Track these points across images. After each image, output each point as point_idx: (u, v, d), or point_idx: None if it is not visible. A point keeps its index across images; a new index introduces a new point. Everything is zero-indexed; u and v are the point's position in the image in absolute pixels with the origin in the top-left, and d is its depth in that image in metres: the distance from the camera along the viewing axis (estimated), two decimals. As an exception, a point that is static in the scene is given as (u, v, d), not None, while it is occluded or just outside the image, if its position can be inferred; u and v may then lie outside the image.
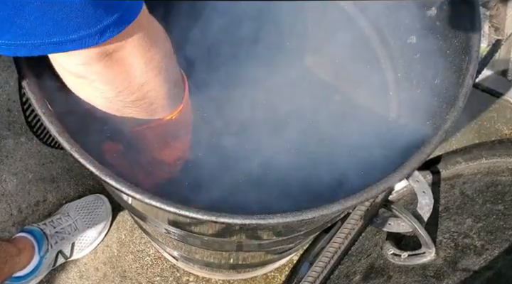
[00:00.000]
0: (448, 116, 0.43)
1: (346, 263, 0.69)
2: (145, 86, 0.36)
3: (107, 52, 0.32)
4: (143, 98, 0.37)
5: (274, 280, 1.03)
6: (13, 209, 1.03)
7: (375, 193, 0.38)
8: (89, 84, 0.34)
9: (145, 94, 0.37)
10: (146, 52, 0.34)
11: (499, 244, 0.58)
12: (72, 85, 0.36)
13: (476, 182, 0.66)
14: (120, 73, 0.34)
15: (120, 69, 0.33)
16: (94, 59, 0.32)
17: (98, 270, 1.02)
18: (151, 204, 0.35)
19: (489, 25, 0.58)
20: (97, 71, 0.33)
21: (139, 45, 0.33)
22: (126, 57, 0.33)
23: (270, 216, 0.36)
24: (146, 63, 0.34)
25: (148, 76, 0.35)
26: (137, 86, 0.36)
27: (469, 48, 0.46)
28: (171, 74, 0.39)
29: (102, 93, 0.35)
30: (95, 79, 0.34)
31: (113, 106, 0.37)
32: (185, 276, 1.03)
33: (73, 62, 0.32)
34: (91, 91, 0.36)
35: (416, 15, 0.56)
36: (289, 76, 0.63)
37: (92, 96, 0.36)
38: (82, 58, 0.31)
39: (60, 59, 0.33)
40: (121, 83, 0.35)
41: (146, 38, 0.33)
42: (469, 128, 1.14)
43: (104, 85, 0.35)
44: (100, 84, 0.34)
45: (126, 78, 0.34)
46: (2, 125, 1.08)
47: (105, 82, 0.34)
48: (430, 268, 0.62)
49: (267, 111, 0.60)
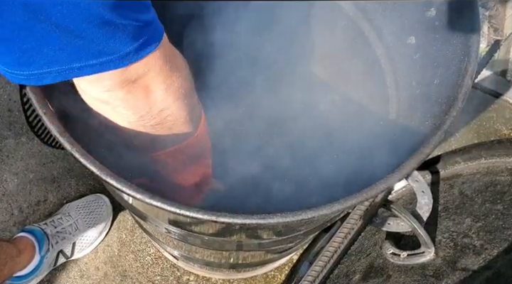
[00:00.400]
0: (447, 116, 0.43)
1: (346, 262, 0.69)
2: (164, 112, 0.37)
3: (131, 79, 0.33)
4: (162, 122, 0.38)
5: (274, 279, 1.04)
6: (14, 209, 1.03)
7: (375, 193, 0.38)
8: (112, 109, 0.36)
9: (164, 119, 0.38)
10: (167, 78, 0.35)
11: (498, 244, 0.58)
12: (96, 109, 0.37)
13: (475, 182, 0.67)
14: (142, 99, 0.35)
15: (143, 95, 0.35)
16: (118, 86, 0.33)
17: (99, 270, 1.02)
18: (151, 204, 0.35)
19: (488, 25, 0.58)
20: (120, 97, 0.34)
21: (160, 71, 0.34)
22: (149, 83, 0.34)
23: (270, 216, 0.36)
24: (166, 89, 0.36)
25: (168, 101, 0.37)
26: (157, 112, 0.37)
27: (468, 48, 0.46)
28: (189, 98, 0.40)
29: (125, 118, 0.37)
30: (119, 105, 0.35)
31: (135, 129, 0.39)
32: (185, 275, 1.03)
33: (98, 89, 0.33)
34: (114, 116, 0.37)
35: (416, 16, 0.56)
36: (288, 76, 0.63)
37: (115, 121, 0.38)
38: (106, 85, 0.33)
39: (85, 87, 0.34)
40: (143, 108, 0.36)
41: (168, 64, 0.34)
42: (468, 128, 1.14)
43: (127, 110, 0.36)
44: (123, 109, 0.36)
45: (148, 103, 0.36)
46: (3, 125, 1.08)
47: (128, 108, 0.36)
48: (429, 268, 0.62)
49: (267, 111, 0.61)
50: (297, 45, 0.67)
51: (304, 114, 0.62)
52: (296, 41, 0.67)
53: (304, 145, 0.59)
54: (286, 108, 0.62)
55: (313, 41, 0.66)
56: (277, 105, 0.62)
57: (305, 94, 0.63)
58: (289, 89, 0.63)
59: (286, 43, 0.66)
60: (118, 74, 0.32)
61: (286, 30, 0.66)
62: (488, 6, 0.55)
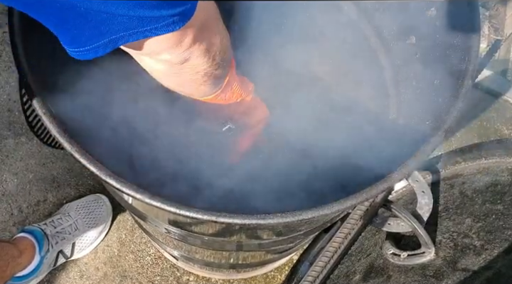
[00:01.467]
0: (447, 116, 0.43)
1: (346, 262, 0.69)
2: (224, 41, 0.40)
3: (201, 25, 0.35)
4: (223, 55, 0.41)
5: (274, 279, 1.03)
6: (14, 209, 1.03)
7: (375, 193, 0.38)
8: (173, 67, 0.38)
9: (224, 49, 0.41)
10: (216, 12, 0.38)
11: (498, 244, 0.58)
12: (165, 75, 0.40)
13: (475, 182, 0.67)
14: (211, 38, 0.37)
15: (210, 34, 0.37)
16: (196, 38, 0.35)
17: (98, 270, 1.02)
18: (151, 204, 0.35)
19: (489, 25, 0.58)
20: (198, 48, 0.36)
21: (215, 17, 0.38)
22: (211, 23, 0.37)
23: (270, 216, 0.36)
24: (219, 19, 0.39)
25: (223, 31, 0.40)
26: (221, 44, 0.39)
27: (469, 48, 0.46)
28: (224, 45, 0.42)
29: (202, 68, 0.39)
30: (198, 56, 0.37)
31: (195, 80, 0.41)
32: (185, 276, 1.03)
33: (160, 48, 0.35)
34: (188, 73, 0.39)
35: (416, 15, 0.56)
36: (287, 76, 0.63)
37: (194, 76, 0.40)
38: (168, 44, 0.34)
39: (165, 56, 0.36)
40: (214, 48, 0.38)
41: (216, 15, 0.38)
42: (469, 128, 1.14)
43: (203, 58, 0.38)
44: (201, 58, 0.38)
45: (216, 39, 0.38)
46: (3, 125, 1.08)
47: (204, 54, 0.38)
48: (430, 268, 0.62)
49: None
50: (297, 45, 0.67)
51: (304, 114, 0.62)
52: (296, 41, 0.67)
53: (303, 145, 0.59)
54: (285, 107, 0.62)
55: (314, 41, 0.66)
56: (276, 105, 0.62)
57: (305, 94, 0.63)
58: (289, 89, 0.63)
59: (286, 43, 0.66)
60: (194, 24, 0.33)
61: (286, 30, 0.66)
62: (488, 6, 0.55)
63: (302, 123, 0.61)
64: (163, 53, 0.36)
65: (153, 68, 0.39)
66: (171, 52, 0.35)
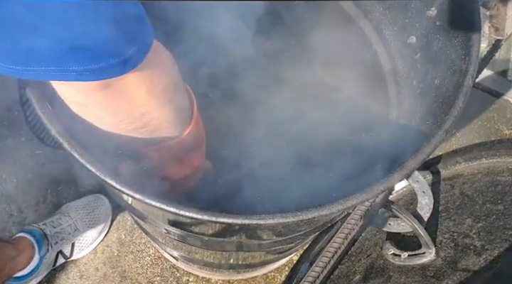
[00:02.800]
0: (448, 116, 0.43)
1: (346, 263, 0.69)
2: (147, 116, 0.35)
3: (107, 83, 0.30)
4: (144, 126, 0.36)
5: (274, 280, 1.03)
6: (13, 209, 1.03)
7: (375, 193, 0.38)
8: (90, 112, 0.34)
9: (147, 123, 0.36)
10: (149, 81, 0.32)
11: (499, 244, 0.58)
12: (74, 111, 0.36)
13: (476, 182, 0.66)
14: (121, 103, 0.33)
15: (120, 100, 0.32)
16: (93, 89, 0.30)
17: (98, 270, 1.02)
18: (150, 204, 0.35)
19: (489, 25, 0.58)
20: (96, 101, 0.32)
21: (140, 75, 0.31)
22: (127, 87, 0.31)
23: (270, 216, 0.36)
24: (148, 93, 0.33)
25: (150, 105, 0.34)
26: (138, 116, 0.35)
27: (469, 48, 0.46)
28: (176, 101, 0.37)
29: (103, 121, 0.35)
30: (95, 109, 0.33)
31: (115, 131, 0.37)
32: (185, 276, 1.03)
33: (72, 91, 0.31)
34: (92, 118, 0.35)
35: (416, 15, 0.56)
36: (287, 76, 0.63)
37: (95, 122, 0.36)
38: (81, 88, 0.30)
39: (61, 88, 0.32)
40: (122, 113, 0.34)
41: (150, 68, 0.32)
42: (469, 128, 1.14)
43: (104, 114, 0.34)
44: (101, 112, 0.34)
45: (127, 108, 0.33)
46: (2, 125, 1.08)
47: (105, 111, 0.33)
48: (430, 268, 0.62)
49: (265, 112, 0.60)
50: (297, 45, 0.67)
51: (304, 114, 0.62)
52: (296, 41, 0.67)
53: (303, 145, 0.59)
54: (285, 108, 0.62)
55: (314, 41, 0.66)
56: (276, 105, 0.61)
57: (305, 94, 0.63)
58: (288, 89, 0.63)
59: (286, 43, 0.66)
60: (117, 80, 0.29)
61: (286, 30, 0.66)
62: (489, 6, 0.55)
63: (302, 123, 0.61)
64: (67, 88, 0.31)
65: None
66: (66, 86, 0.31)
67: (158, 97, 0.34)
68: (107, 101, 0.32)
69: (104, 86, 0.30)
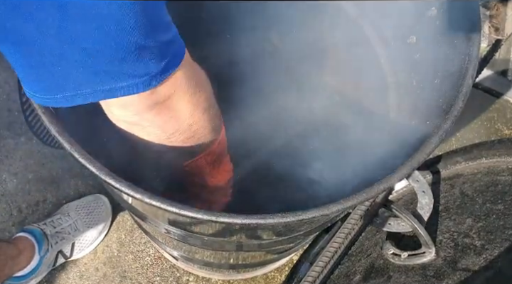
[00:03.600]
0: (448, 116, 0.43)
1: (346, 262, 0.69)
2: (193, 126, 0.39)
3: (158, 102, 0.34)
4: (191, 136, 0.40)
5: (274, 280, 1.03)
6: (13, 209, 1.03)
7: (375, 193, 0.38)
8: (142, 129, 0.37)
9: (193, 132, 0.40)
10: (193, 96, 0.36)
11: (499, 244, 0.58)
12: (126, 130, 0.38)
13: (476, 182, 0.66)
14: (171, 118, 0.36)
15: (171, 115, 0.36)
16: (146, 108, 0.34)
17: (98, 270, 1.02)
18: (151, 204, 0.35)
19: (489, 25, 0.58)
20: (149, 118, 0.35)
21: (186, 90, 0.35)
22: (176, 103, 0.35)
23: (270, 216, 0.36)
24: (193, 106, 0.37)
25: (195, 117, 0.38)
26: (187, 127, 0.38)
27: (469, 48, 0.46)
28: (213, 110, 0.42)
29: (155, 136, 0.38)
30: (148, 126, 0.36)
31: (165, 145, 0.40)
32: (185, 276, 1.03)
33: (127, 112, 0.34)
34: (144, 136, 0.38)
35: (416, 15, 0.56)
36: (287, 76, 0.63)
37: (146, 139, 0.39)
38: (135, 109, 0.34)
39: (114, 110, 0.35)
40: (172, 126, 0.37)
41: (192, 83, 0.36)
42: (469, 128, 1.14)
43: (156, 130, 0.37)
44: (153, 129, 0.37)
45: (177, 121, 0.37)
46: (2, 125, 1.08)
47: (157, 127, 0.37)
48: (430, 268, 0.62)
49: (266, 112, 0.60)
50: (297, 45, 0.67)
51: (304, 114, 0.62)
52: (296, 41, 0.67)
53: (303, 145, 0.59)
54: (285, 108, 0.62)
55: (314, 41, 0.66)
56: (276, 105, 0.61)
57: (304, 94, 0.63)
58: (288, 89, 0.63)
59: (286, 43, 0.66)
60: (146, 96, 0.32)
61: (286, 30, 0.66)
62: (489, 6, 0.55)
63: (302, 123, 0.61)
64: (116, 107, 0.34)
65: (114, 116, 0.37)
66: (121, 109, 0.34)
67: (201, 108, 0.38)
68: (159, 118, 0.36)
69: (155, 105, 0.34)
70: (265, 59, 0.61)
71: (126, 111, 0.34)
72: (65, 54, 0.28)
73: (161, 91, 0.33)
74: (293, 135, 0.59)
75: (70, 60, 0.28)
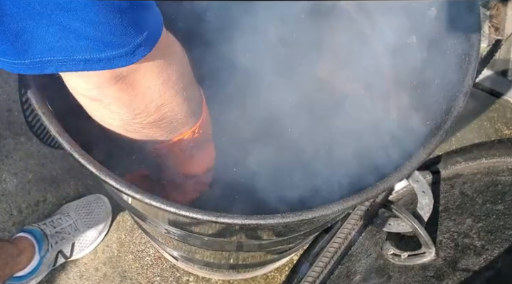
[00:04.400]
0: (448, 116, 0.43)
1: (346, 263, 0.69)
2: (163, 108, 0.35)
3: (121, 75, 0.30)
4: (161, 119, 0.36)
5: (274, 280, 1.03)
6: (13, 209, 1.03)
7: (375, 193, 0.38)
8: (105, 107, 0.33)
9: (163, 115, 0.36)
10: (162, 72, 0.32)
11: (499, 244, 0.58)
12: (87, 107, 0.35)
13: (475, 182, 0.66)
14: (136, 96, 0.32)
15: (136, 92, 0.32)
16: (108, 82, 0.30)
17: (98, 270, 1.02)
18: (150, 204, 0.35)
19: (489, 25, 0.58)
20: (111, 94, 0.31)
21: (154, 66, 0.31)
22: (142, 79, 0.31)
23: (270, 216, 0.36)
24: (163, 84, 0.33)
25: (165, 97, 0.34)
26: (155, 108, 0.34)
27: (469, 48, 0.46)
28: (189, 92, 0.37)
29: (118, 116, 0.34)
30: (110, 103, 0.33)
31: (130, 128, 0.36)
32: (185, 276, 1.03)
33: (87, 85, 0.31)
34: (107, 114, 0.34)
35: (416, 15, 0.56)
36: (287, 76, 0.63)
37: (108, 119, 0.35)
38: (95, 81, 0.30)
39: (73, 82, 0.31)
40: (138, 106, 0.33)
41: (163, 58, 0.32)
42: (469, 128, 1.14)
43: (120, 108, 0.33)
44: (116, 107, 0.33)
45: (143, 100, 0.33)
46: (2, 125, 1.08)
47: (121, 105, 0.33)
48: (430, 268, 0.62)
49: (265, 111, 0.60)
50: (297, 45, 0.67)
51: (304, 114, 0.62)
52: (296, 41, 0.67)
53: (303, 145, 0.59)
54: (285, 108, 0.62)
55: (314, 41, 0.66)
56: (276, 105, 0.61)
57: (304, 94, 0.63)
58: (288, 89, 0.63)
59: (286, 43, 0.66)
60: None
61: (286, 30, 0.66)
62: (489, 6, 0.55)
63: (302, 123, 0.61)
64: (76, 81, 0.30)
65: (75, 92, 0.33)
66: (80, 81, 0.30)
67: (173, 88, 0.34)
68: (122, 95, 0.32)
69: (118, 79, 0.30)
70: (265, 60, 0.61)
71: (85, 84, 0.30)
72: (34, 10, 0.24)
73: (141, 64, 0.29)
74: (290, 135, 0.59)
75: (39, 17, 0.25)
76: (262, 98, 0.60)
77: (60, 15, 0.25)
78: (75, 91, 0.33)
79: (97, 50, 0.26)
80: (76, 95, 0.33)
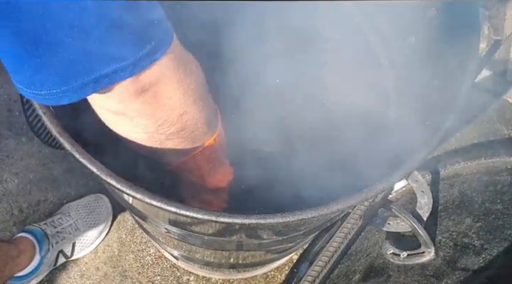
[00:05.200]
0: (447, 117, 0.43)
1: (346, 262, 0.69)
2: (184, 116, 0.36)
3: (144, 88, 0.31)
4: (183, 128, 0.37)
5: (274, 279, 1.03)
6: (14, 209, 1.03)
7: (375, 193, 0.38)
8: (130, 120, 0.34)
9: (185, 124, 0.37)
10: (182, 82, 0.34)
11: (498, 243, 0.58)
12: (112, 122, 0.36)
13: (475, 182, 0.67)
14: (159, 107, 0.34)
15: (159, 103, 0.33)
16: (132, 96, 0.31)
17: (99, 270, 1.02)
18: (151, 204, 0.35)
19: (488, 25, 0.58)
20: (136, 107, 0.33)
21: (174, 76, 0.33)
22: (164, 90, 0.33)
23: (270, 216, 0.36)
24: (183, 94, 0.34)
25: (186, 105, 0.35)
26: (177, 118, 0.36)
27: (469, 48, 0.46)
28: (206, 100, 0.39)
29: (143, 128, 0.35)
30: (135, 116, 0.34)
31: (155, 139, 0.37)
32: (185, 275, 1.03)
33: (111, 101, 0.32)
34: (131, 127, 0.36)
35: (416, 15, 0.56)
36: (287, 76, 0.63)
37: (133, 132, 0.36)
38: (120, 96, 0.31)
39: (99, 101, 0.33)
40: (161, 116, 0.35)
41: (181, 69, 0.33)
42: (468, 128, 1.14)
43: (144, 120, 0.34)
44: (141, 119, 0.34)
45: (166, 111, 0.34)
46: (3, 125, 1.08)
47: (145, 117, 0.34)
48: (429, 268, 0.62)
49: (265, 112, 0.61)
50: (296, 45, 0.67)
51: (304, 115, 0.62)
52: (295, 41, 0.67)
53: (303, 145, 0.59)
54: (285, 108, 0.62)
55: (313, 41, 0.66)
56: (276, 105, 0.62)
57: (304, 94, 0.63)
58: (288, 89, 0.63)
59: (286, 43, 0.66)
60: (130, 83, 0.30)
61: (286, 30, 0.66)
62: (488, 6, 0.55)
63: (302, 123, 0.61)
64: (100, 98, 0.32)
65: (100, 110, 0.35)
66: (104, 98, 0.31)
67: (192, 96, 0.36)
68: (146, 106, 0.33)
69: (141, 91, 0.31)
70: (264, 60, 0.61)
71: (110, 100, 0.32)
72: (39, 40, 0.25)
73: (146, 77, 0.30)
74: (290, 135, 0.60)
75: (45, 46, 0.26)
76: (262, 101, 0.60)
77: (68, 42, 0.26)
78: (100, 108, 0.34)
79: (102, 66, 0.27)
80: (101, 112, 0.34)
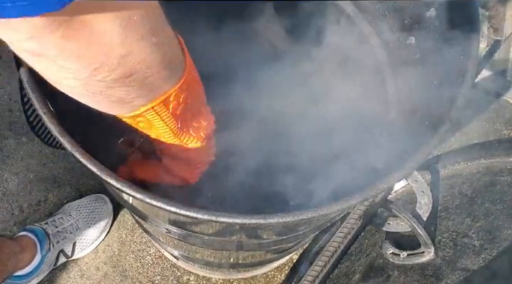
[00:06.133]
0: (447, 117, 0.43)
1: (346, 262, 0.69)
2: (129, 58, 0.27)
3: (64, 18, 0.23)
4: (130, 74, 0.28)
5: (274, 279, 1.04)
6: (15, 209, 1.03)
7: (374, 193, 0.39)
8: (52, 62, 0.26)
9: (132, 68, 0.28)
10: (121, 10, 0.25)
11: (498, 244, 0.59)
12: (34, 66, 0.27)
13: (474, 182, 0.67)
14: (89, 44, 0.25)
15: (88, 39, 0.24)
16: (46, 28, 0.23)
17: (99, 270, 1.02)
18: (151, 204, 0.35)
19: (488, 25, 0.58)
20: (55, 44, 0.24)
21: (108, 2, 0.24)
22: (93, 20, 0.24)
23: (270, 216, 0.36)
24: (123, 25, 0.25)
25: (129, 44, 0.26)
26: (117, 59, 0.26)
27: (468, 48, 0.46)
28: (160, 35, 0.29)
29: (71, 73, 0.26)
30: (56, 56, 0.25)
31: (93, 89, 0.28)
32: (185, 275, 1.03)
33: (20, 36, 0.23)
34: (58, 73, 0.27)
35: (416, 15, 0.56)
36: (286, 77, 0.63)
37: (63, 79, 0.27)
38: (29, 30, 0.23)
39: (4, 35, 0.24)
40: (95, 57, 0.26)
41: None
42: (468, 128, 1.14)
43: (71, 63, 0.26)
44: (65, 61, 0.25)
45: (100, 49, 0.25)
46: (3, 125, 1.08)
47: (72, 59, 0.25)
48: (429, 268, 0.62)
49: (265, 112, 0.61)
50: (295, 45, 0.67)
51: (304, 115, 0.62)
52: (294, 41, 0.67)
53: (303, 146, 0.59)
54: (285, 108, 0.62)
55: (313, 41, 0.66)
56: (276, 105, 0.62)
57: (304, 95, 0.64)
58: (288, 90, 0.63)
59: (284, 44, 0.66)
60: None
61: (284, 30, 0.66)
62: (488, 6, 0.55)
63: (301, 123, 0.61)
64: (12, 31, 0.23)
65: None
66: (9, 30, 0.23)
67: (137, 31, 0.26)
68: (69, 44, 0.24)
69: (60, 23, 0.23)
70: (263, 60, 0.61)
71: (18, 34, 0.23)
72: None
73: None
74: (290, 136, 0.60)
75: None
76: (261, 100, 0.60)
77: None
78: (12, 45, 0.25)
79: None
80: (16, 51, 0.26)
